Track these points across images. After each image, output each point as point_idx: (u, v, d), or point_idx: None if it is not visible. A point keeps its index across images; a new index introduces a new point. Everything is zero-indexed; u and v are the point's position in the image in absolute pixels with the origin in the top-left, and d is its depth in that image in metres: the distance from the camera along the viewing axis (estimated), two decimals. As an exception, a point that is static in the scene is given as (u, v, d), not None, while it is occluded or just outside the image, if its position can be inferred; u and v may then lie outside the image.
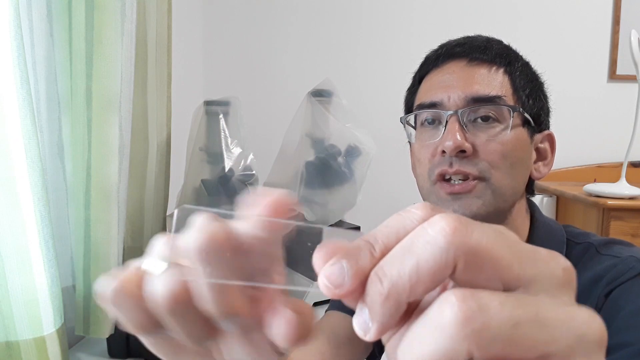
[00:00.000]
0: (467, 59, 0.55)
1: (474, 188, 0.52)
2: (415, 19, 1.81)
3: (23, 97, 0.64)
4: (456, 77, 0.55)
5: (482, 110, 0.53)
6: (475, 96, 0.53)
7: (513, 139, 0.53)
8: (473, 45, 0.56)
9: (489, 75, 0.54)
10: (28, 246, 0.67)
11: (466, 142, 0.52)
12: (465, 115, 0.53)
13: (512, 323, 0.16)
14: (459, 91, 0.53)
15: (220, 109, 1.11)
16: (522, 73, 0.56)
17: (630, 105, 1.49)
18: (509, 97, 0.54)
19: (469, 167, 0.52)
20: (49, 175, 0.88)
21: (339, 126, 1.20)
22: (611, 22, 1.80)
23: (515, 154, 0.54)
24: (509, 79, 0.55)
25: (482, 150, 0.52)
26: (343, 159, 1.20)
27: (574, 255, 0.56)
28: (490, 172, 0.52)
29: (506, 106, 0.53)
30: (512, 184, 0.54)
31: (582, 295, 0.52)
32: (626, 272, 0.50)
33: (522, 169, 0.55)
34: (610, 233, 1.41)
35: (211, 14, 1.84)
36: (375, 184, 1.46)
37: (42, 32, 0.84)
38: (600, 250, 0.55)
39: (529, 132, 0.56)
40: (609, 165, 1.77)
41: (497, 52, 0.56)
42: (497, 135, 0.53)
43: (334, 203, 1.20)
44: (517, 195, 0.56)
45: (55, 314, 0.71)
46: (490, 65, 0.55)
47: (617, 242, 0.56)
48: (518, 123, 0.54)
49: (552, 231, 0.59)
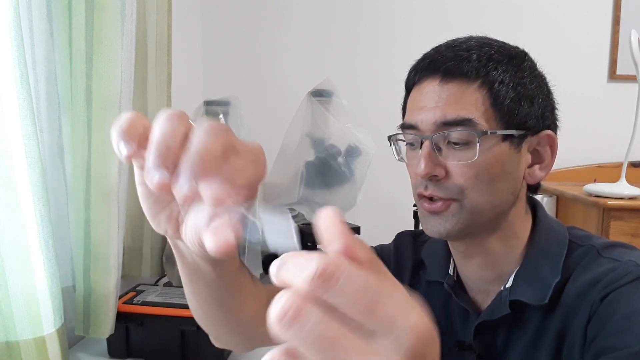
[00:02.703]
0: (439, 77, 0.54)
1: (448, 207, 0.54)
2: (415, 18, 1.81)
3: (23, 97, 0.64)
4: (428, 97, 0.55)
5: (452, 134, 0.53)
6: (444, 120, 0.53)
7: (487, 159, 0.53)
8: (447, 57, 0.54)
9: (460, 94, 0.53)
10: (28, 246, 0.67)
11: (437, 167, 0.53)
12: (439, 139, 0.54)
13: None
14: (430, 114, 0.54)
15: (220, 109, 1.11)
16: (504, 81, 0.54)
17: (630, 105, 1.48)
18: (481, 115, 0.53)
19: (441, 192, 0.54)
20: (49, 175, 0.88)
21: (339, 126, 1.20)
22: (611, 22, 1.80)
23: (490, 171, 0.53)
24: (487, 92, 0.53)
25: (454, 173, 0.53)
26: (343, 159, 1.21)
27: (574, 257, 0.55)
28: (464, 193, 0.53)
29: (473, 131, 0.52)
30: (490, 199, 0.54)
31: (579, 297, 0.52)
32: (624, 276, 0.50)
33: (503, 182, 0.55)
34: (610, 233, 1.41)
35: (211, 14, 1.84)
36: (375, 184, 1.46)
37: (42, 32, 0.84)
38: (602, 252, 0.54)
39: (512, 143, 0.54)
40: (609, 165, 1.77)
41: (474, 64, 0.54)
42: (469, 159, 0.53)
43: (334, 203, 1.20)
44: (501, 207, 0.55)
45: (55, 314, 0.71)
46: (463, 82, 0.53)
47: (620, 245, 0.56)
48: (493, 142, 0.53)
49: (554, 233, 0.58)
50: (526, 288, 0.55)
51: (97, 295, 0.85)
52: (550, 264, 0.55)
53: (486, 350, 0.59)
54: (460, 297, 0.61)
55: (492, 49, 0.56)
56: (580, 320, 0.51)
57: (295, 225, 0.26)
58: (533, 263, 0.56)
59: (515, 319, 0.56)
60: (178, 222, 0.36)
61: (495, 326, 0.58)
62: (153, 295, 0.94)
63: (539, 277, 0.55)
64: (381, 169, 1.43)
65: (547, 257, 0.56)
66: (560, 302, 0.53)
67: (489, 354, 0.59)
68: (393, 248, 0.72)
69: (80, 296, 0.86)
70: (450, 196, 0.54)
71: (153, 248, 1.18)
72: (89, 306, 0.86)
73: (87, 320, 0.86)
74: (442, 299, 0.64)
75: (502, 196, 0.55)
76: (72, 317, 0.88)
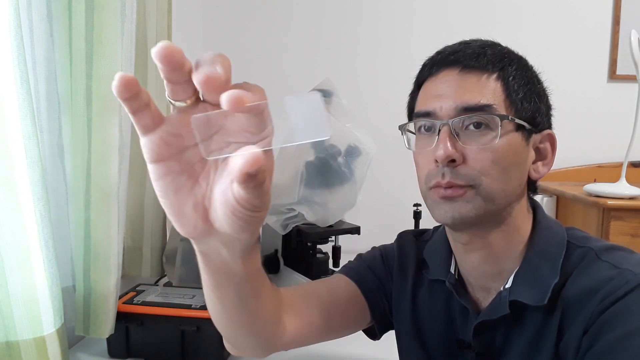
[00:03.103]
0: (459, 67, 0.56)
1: (464, 193, 0.55)
2: (415, 18, 1.81)
3: (23, 97, 0.64)
4: (448, 86, 0.56)
5: (473, 118, 0.54)
6: (466, 105, 0.54)
7: (504, 145, 0.54)
8: (466, 53, 0.57)
9: (480, 83, 0.55)
10: (28, 246, 0.67)
11: (456, 151, 0.54)
12: (457, 125, 0.55)
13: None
14: (451, 101, 0.55)
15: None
16: (516, 77, 0.56)
17: (630, 105, 1.48)
18: (500, 104, 0.55)
19: (459, 179, 0.54)
20: (49, 175, 0.88)
21: (339, 126, 1.20)
22: (611, 22, 1.80)
23: (506, 159, 0.55)
24: (502, 85, 0.55)
25: (472, 158, 0.54)
26: (343, 159, 1.20)
27: (573, 258, 0.56)
28: (481, 179, 0.54)
29: (496, 115, 0.54)
30: (503, 188, 0.55)
31: (577, 303, 0.52)
32: (622, 286, 0.50)
33: (515, 172, 0.56)
34: (610, 233, 1.41)
35: (211, 14, 1.84)
36: (375, 184, 1.46)
37: (42, 32, 0.84)
38: (600, 255, 0.54)
39: (524, 135, 0.56)
40: (609, 165, 1.77)
41: (490, 58, 0.56)
42: (487, 143, 0.54)
43: (334, 203, 1.20)
44: (511, 197, 0.56)
45: (55, 314, 0.71)
46: (482, 73, 0.56)
47: (618, 249, 0.56)
48: (510, 129, 0.55)
49: (553, 234, 0.58)
50: (525, 289, 0.55)
51: (97, 295, 0.85)
52: (549, 265, 0.55)
53: (485, 349, 0.59)
54: (461, 296, 0.62)
55: (503, 49, 0.59)
56: (577, 329, 0.51)
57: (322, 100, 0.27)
58: (532, 263, 0.56)
59: (514, 319, 0.57)
60: (205, 206, 0.36)
61: (494, 326, 0.58)
62: (153, 295, 0.94)
63: (538, 278, 0.55)
64: (381, 169, 1.43)
65: (546, 257, 0.56)
66: (559, 304, 0.53)
67: (488, 353, 0.59)
68: (396, 248, 0.73)
69: (80, 296, 0.86)
70: (467, 182, 0.54)
71: (153, 248, 1.18)
72: (89, 306, 0.86)
73: (87, 320, 0.86)
74: (444, 298, 0.65)
75: (512, 186, 0.56)
76: (72, 317, 0.88)
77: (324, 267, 1.25)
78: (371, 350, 0.84)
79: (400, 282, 0.70)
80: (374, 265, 0.72)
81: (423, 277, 0.68)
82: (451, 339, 0.63)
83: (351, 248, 1.50)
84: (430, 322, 0.66)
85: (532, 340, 0.55)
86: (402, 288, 0.70)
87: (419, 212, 1.40)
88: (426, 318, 0.67)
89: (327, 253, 1.29)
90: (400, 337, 0.71)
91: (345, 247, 1.33)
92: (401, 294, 0.70)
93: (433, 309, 0.66)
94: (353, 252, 0.81)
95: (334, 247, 1.30)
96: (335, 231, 1.25)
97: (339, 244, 1.30)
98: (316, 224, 1.21)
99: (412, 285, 0.69)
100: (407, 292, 0.69)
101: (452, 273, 0.64)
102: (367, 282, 0.70)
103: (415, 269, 0.69)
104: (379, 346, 0.77)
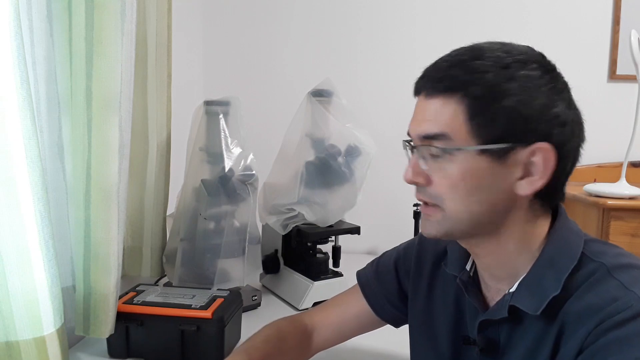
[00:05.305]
0: (424, 93, 0.58)
1: (433, 213, 0.58)
2: (417, 19, 1.80)
3: (23, 97, 0.64)
4: (418, 111, 0.59)
5: (430, 148, 0.57)
6: (424, 134, 0.57)
7: (461, 171, 0.54)
8: (431, 76, 0.57)
9: (439, 110, 0.56)
10: (28, 246, 0.67)
11: (419, 175, 0.58)
12: (423, 150, 0.58)
13: None
14: (415, 127, 0.59)
15: (220, 109, 1.11)
16: (486, 95, 0.53)
17: (630, 105, 1.48)
18: (459, 128, 0.54)
19: (425, 196, 0.59)
20: (49, 175, 0.88)
21: (339, 126, 1.20)
22: (611, 22, 1.80)
23: (466, 184, 0.55)
24: (464, 107, 0.54)
25: (434, 182, 0.57)
26: (343, 159, 1.20)
27: (583, 272, 0.54)
28: (443, 201, 0.57)
29: (440, 148, 0.55)
30: (469, 210, 0.56)
31: (578, 318, 0.51)
32: (623, 310, 0.48)
33: (482, 194, 0.55)
34: (610, 233, 1.41)
35: (211, 14, 1.84)
36: (375, 184, 1.45)
37: (42, 32, 0.84)
38: (612, 272, 0.52)
39: (492, 156, 0.53)
40: (609, 165, 1.77)
41: (451, 81, 0.55)
42: (444, 170, 0.56)
43: (334, 203, 1.20)
44: (482, 217, 0.56)
45: (55, 314, 0.71)
46: (443, 97, 0.55)
47: (635, 267, 0.53)
48: (470, 153, 0.54)
49: (566, 244, 0.57)
50: (526, 296, 0.55)
51: (97, 295, 0.85)
52: (554, 276, 0.54)
53: (488, 347, 0.60)
54: (470, 293, 0.63)
55: (477, 64, 0.54)
56: (573, 346, 0.50)
57: None
58: (538, 272, 0.56)
59: (515, 323, 0.57)
60: None
61: (497, 325, 0.59)
62: (153, 295, 0.94)
63: (540, 287, 0.55)
64: (381, 169, 1.43)
65: (553, 268, 0.55)
66: (560, 316, 0.53)
67: (490, 351, 0.60)
68: (417, 243, 0.77)
69: (80, 296, 0.86)
70: (433, 201, 0.58)
71: (153, 248, 1.18)
72: (89, 306, 0.85)
73: (87, 320, 0.86)
74: (456, 292, 0.67)
75: (482, 207, 0.55)
76: (72, 317, 0.88)
77: (323, 267, 1.25)
78: (382, 344, 0.91)
79: (417, 278, 0.74)
80: (384, 278, 0.80)
81: (441, 270, 0.70)
82: (458, 334, 0.65)
83: (351, 248, 1.50)
84: (442, 315, 0.68)
85: (531, 347, 0.56)
86: (418, 284, 0.74)
87: (419, 212, 1.40)
88: (439, 311, 0.69)
89: (327, 253, 1.29)
90: (412, 330, 0.75)
91: (345, 247, 1.34)
92: (417, 290, 0.73)
93: (446, 303, 0.68)
94: (353, 252, 0.82)
95: (334, 247, 1.30)
96: (335, 231, 1.25)
97: (339, 244, 1.31)
98: (316, 224, 1.21)
99: (428, 278, 0.72)
100: (422, 287, 0.72)
101: (467, 270, 0.66)
102: (375, 295, 0.80)
103: (434, 260, 0.73)
104: (390, 339, 0.84)
